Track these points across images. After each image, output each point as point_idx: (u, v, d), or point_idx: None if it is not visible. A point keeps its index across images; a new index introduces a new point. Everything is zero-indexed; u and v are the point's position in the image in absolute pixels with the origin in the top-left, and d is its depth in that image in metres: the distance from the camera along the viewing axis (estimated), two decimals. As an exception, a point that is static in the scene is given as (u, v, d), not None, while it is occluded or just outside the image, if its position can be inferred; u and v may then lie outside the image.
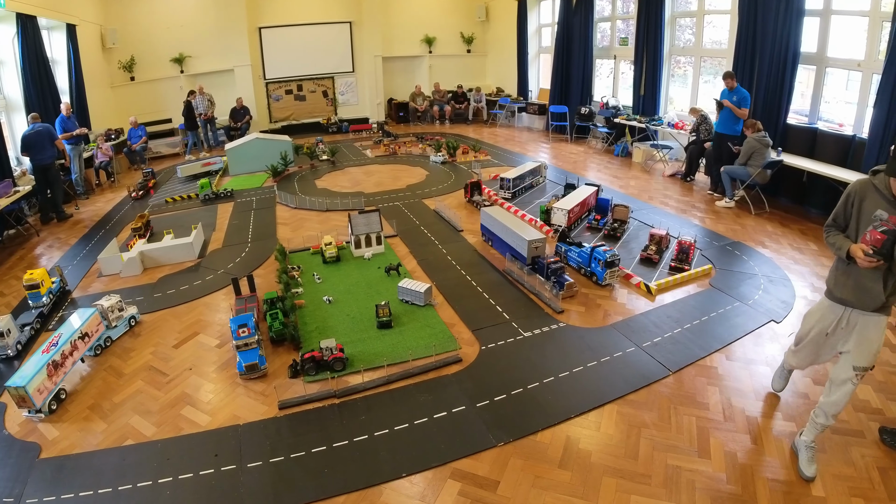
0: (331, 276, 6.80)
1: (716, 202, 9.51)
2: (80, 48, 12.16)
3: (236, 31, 15.32)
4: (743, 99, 9.21)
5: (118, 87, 14.45)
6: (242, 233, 8.51)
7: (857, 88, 8.68)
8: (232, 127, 14.93)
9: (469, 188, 9.48)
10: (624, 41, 13.94)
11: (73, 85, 12.08)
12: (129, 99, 14.61)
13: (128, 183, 11.99)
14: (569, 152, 13.70)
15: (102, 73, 13.88)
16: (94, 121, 12.63)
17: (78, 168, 10.91)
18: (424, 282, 6.33)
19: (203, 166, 12.12)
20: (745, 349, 5.20)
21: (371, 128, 16.37)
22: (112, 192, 11.58)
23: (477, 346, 5.27)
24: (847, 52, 8.83)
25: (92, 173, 11.80)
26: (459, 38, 18.62)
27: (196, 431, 4.27)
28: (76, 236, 8.93)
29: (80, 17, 12.47)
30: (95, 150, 11.83)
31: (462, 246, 7.76)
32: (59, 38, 11.99)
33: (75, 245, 8.53)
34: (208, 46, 15.25)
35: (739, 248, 7.49)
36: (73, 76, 12.04)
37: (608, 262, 6.16)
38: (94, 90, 12.92)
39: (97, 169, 11.91)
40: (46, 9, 10.87)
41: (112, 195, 11.28)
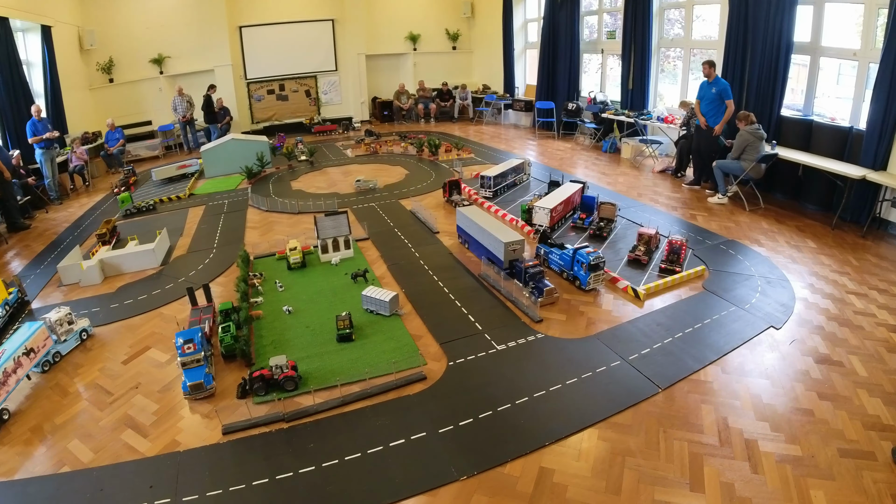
0: (294, 284, 6.28)
1: (708, 198, 9.07)
2: (56, 50, 11.74)
3: (216, 31, 14.91)
4: (723, 90, 8.87)
5: (97, 89, 14.01)
6: (209, 238, 8.01)
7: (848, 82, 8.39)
8: None
9: (448, 187, 8.98)
10: (611, 35, 13.53)
11: (48, 87, 11.62)
12: (107, 101, 14.14)
13: (104, 187, 11.57)
14: (556, 149, 13.24)
15: (80, 75, 13.47)
16: (71, 124, 12.26)
17: (50, 173, 10.46)
18: (392, 289, 5.83)
19: (178, 169, 11.66)
20: (743, 360, 4.72)
21: (335, 128, 15.81)
22: (87, 196, 11.06)
23: (444, 361, 4.75)
24: (842, 41, 8.48)
25: (66, 178, 11.33)
26: (444, 34, 18.21)
27: (134, 459, 3.84)
28: (44, 243, 8.42)
29: (56, 19, 12.02)
30: (70, 153, 11.37)
31: (437, 249, 7.26)
32: (34, 40, 11.55)
33: (41, 253, 8.01)
34: (188, 46, 14.84)
35: (734, 247, 7.03)
36: (48, 79, 11.57)
37: (592, 264, 5.66)
38: (72, 92, 12.55)
39: (72, 173, 11.43)
40: (19, 10, 10.45)
41: (87, 200, 10.76)
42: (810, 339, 5.00)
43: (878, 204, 7.55)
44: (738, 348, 4.87)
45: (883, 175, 7.25)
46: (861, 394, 4.24)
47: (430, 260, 6.88)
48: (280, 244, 7.24)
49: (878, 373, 4.49)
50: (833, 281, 6.16)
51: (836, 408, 4.10)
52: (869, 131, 7.46)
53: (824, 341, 4.97)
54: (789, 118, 8.98)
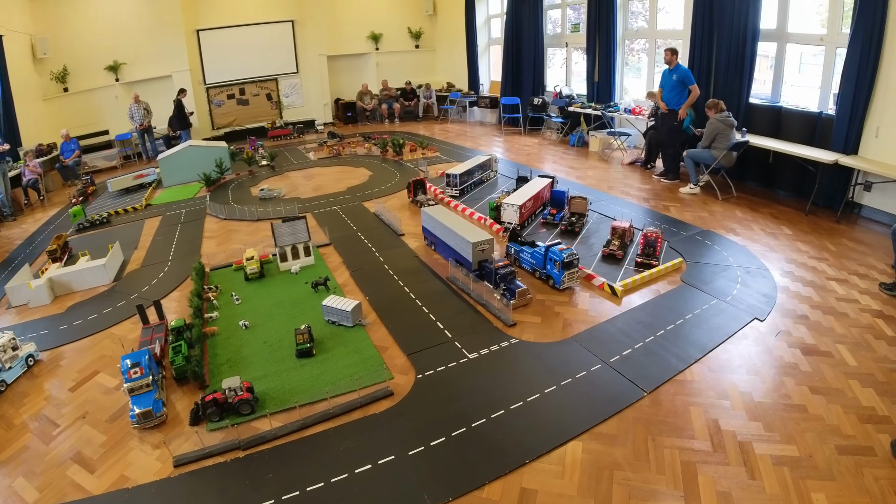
0: (252, 296, 5.85)
1: (679, 189, 8.88)
2: (7, 60, 11.15)
3: (173, 35, 14.32)
4: (684, 75, 8.74)
5: (51, 99, 13.34)
6: (165, 250, 7.52)
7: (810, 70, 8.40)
8: (172, 136, 13.88)
9: (412, 187, 8.60)
10: (575, 28, 13.37)
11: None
12: (62, 111, 13.46)
13: (60, 200, 10.99)
14: (522, 145, 12.99)
15: (33, 85, 12.82)
16: (24, 136, 11.67)
17: (3, 188, 9.86)
18: (355, 297, 5.46)
19: (135, 179, 11.10)
20: (729, 355, 4.46)
21: (290, 132, 15.31)
22: (42, 211, 10.43)
23: (412, 374, 4.37)
24: (808, 27, 8.45)
25: (20, 193, 10.70)
26: (407, 33, 17.87)
27: (81, 497, 3.42)
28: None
29: (7, 28, 11.41)
30: (23, 167, 10.72)
31: (402, 252, 6.87)
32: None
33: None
34: (144, 52, 14.24)
35: (710, 238, 6.83)
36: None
37: (566, 262, 5.33)
38: (25, 104, 11.94)
39: (25, 188, 10.77)
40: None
41: (42, 215, 10.13)
42: (796, 330, 4.80)
43: (851, 188, 7.48)
44: (723, 343, 4.62)
45: (855, 159, 7.17)
46: (853, 385, 4.05)
47: (395, 264, 6.50)
48: (238, 254, 6.80)
49: (867, 361, 4.32)
50: (812, 268, 6.01)
51: (829, 402, 3.89)
52: (839, 116, 7.39)
53: (810, 331, 4.78)
54: (758, 105, 8.88)
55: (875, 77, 6.93)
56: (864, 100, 7.05)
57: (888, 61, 6.79)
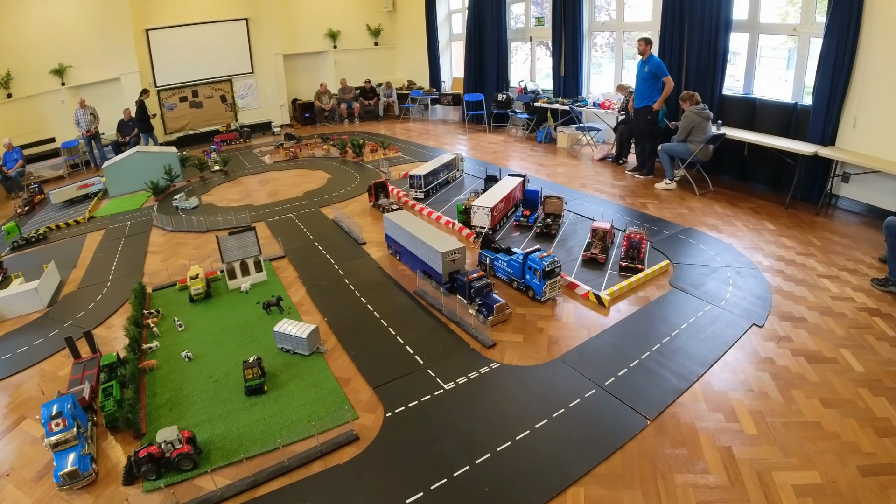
0: (197, 320, 5.17)
1: (655, 185, 8.52)
2: None
3: (120, 35, 13.41)
4: (657, 67, 8.41)
5: None
6: (105, 268, 6.74)
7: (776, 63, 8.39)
8: (120, 142, 13.02)
9: (374, 190, 7.96)
10: (539, 21, 12.96)
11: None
12: (6, 118, 12.51)
13: (3, 213, 10.15)
14: (488, 142, 12.50)
15: None
16: None
17: None
18: (312, 318, 4.85)
19: (79, 189, 10.24)
20: (732, 369, 4.04)
21: (235, 137, 14.53)
22: None
23: (380, 411, 3.76)
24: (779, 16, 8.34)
25: None
26: (366, 30, 17.25)
27: None
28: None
29: None
30: None
31: (364, 263, 6.24)
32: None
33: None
34: (91, 54, 13.33)
35: (693, 236, 6.46)
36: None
37: (547, 271, 4.79)
38: None
39: None
40: None
41: None
42: (796, 335, 4.45)
43: (830, 180, 7.29)
44: (724, 355, 4.19)
45: (833, 151, 6.99)
46: (864, 394, 3.73)
47: (357, 277, 5.86)
48: (184, 271, 6.09)
49: (872, 365, 4.02)
50: (801, 265, 5.71)
51: (843, 415, 3.53)
52: (816, 107, 7.19)
53: (811, 335, 4.44)
54: (732, 97, 8.68)
55: (852, 67, 6.76)
56: (841, 90, 6.88)
57: (865, 50, 6.64)
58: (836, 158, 6.91)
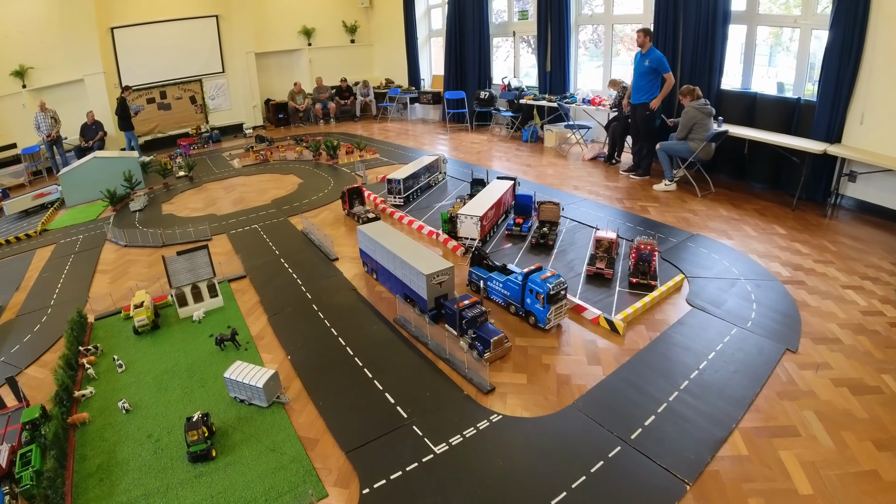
0: (141, 358, 4.37)
1: (653, 186, 7.93)
2: None
3: (84, 34, 12.59)
4: (658, 61, 7.87)
5: None
6: (49, 291, 5.91)
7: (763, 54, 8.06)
8: (84, 147, 12.16)
9: (348, 197, 7.16)
10: (524, 14, 12.39)
11: None
12: None
13: None
14: (471, 142, 11.83)
15: None
16: None
17: None
18: (273, 353, 4.10)
19: (34, 199, 9.41)
20: (773, 407, 3.42)
21: (195, 141, 13.69)
22: None
23: (355, 485, 3.00)
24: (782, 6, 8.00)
25: None
26: (341, 27, 16.60)
27: None
28: None
29: None
30: None
31: (335, 284, 5.44)
32: None
33: None
34: (53, 55, 12.49)
35: (702, 243, 5.88)
36: None
37: (552, 294, 4.08)
38: None
39: None
40: None
41: None
42: (834, 360, 3.88)
43: (837, 179, 6.86)
44: (761, 391, 3.55)
45: (842, 148, 6.53)
46: None
47: (327, 301, 5.08)
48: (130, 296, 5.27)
49: None
50: (822, 274, 5.18)
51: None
52: (821, 102, 6.75)
53: (849, 360, 3.88)
54: (730, 92, 8.19)
55: (859, 60, 6.35)
56: (847, 84, 6.46)
57: (872, 43, 6.22)
58: (846, 157, 6.45)
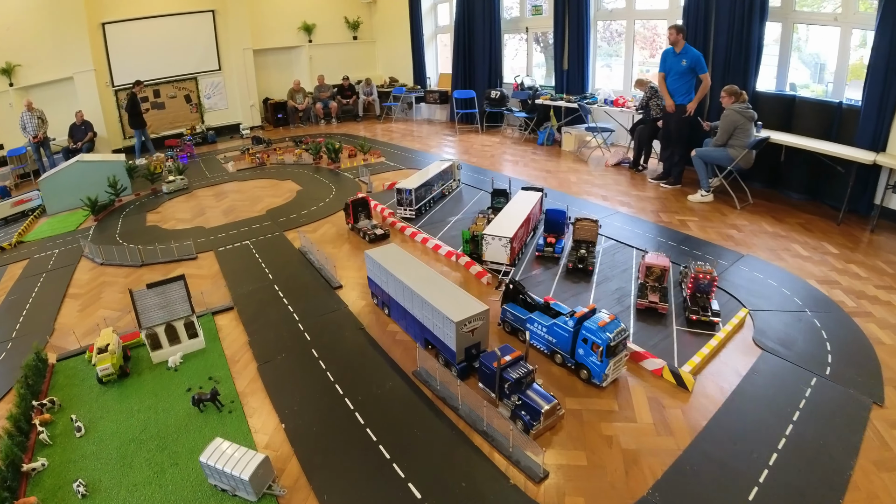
0: (103, 416, 3.58)
1: (688, 197, 7.21)
2: None
3: (73, 30, 12.00)
4: (696, 61, 7.19)
5: None
6: (12, 320, 5.12)
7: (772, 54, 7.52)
8: (72, 148, 11.49)
9: (352, 209, 6.32)
10: (537, 10, 11.73)
11: None
12: None
13: None
14: (482, 144, 11.09)
15: None
16: None
17: None
18: (263, 414, 3.32)
19: (14, 206, 8.70)
20: (872, 485, 2.72)
21: (178, 143, 12.97)
22: None
23: None
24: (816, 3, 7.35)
25: None
26: (343, 23, 16.05)
27: None
28: None
29: None
30: None
31: (339, 320, 4.57)
32: None
33: None
34: (42, 52, 11.92)
35: (755, 266, 5.14)
36: None
37: (612, 346, 3.29)
38: None
39: None
40: None
41: None
42: None
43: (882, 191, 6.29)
44: (859, 458, 2.87)
45: (890, 158, 5.91)
46: None
47: (329, 345, 4.21)
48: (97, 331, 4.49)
49: None
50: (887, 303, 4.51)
51: None
52: (866, 108, 6.19)
53: None
54: (766, 94, 7.52)
55: None
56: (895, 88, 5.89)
57: None
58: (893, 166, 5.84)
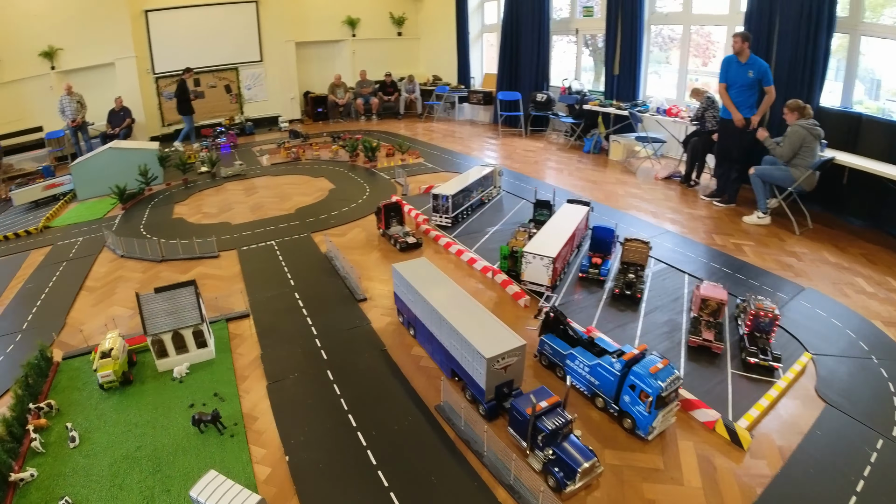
0: (100, 427, 3.36)
1: (743, 218, 6.70)
2: None
3: (116, 16, 12.15)
4: (763, 72, 6.66)
5: None
6: (26, 309, 5.02)
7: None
8: (109, 134, 11.64)
9: (384, 213, 6.00)
10: (588, 11, 11.23)
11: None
12: None
13: None
14: (525, 149, 10.70)
15: None
16: None
17: None
18: (268, 440, 3.04)
19: (45, 189, 8.73)
20: None
21: (210, 133, 12.88)
22: None
23: None
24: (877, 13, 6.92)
25: None
26: (388, 18, 15.81)
27: None
28: None
29: None
30: None
31: (360, 338, 4.25)
32: None
33: None
34: (84, 36, 12.05)
35: (817, 302, 4.65)
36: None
37: (663, 396, 2.89)
38: None
39: None
40: None
41: None
42: None
43: None
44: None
45: None
46: None
47: (346, 366, 3.88)
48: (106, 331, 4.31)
49: None
50: None
51: None
52: None
53: None
54: (831, 111, 6.97)
55: None
56: None
57: None
58: None
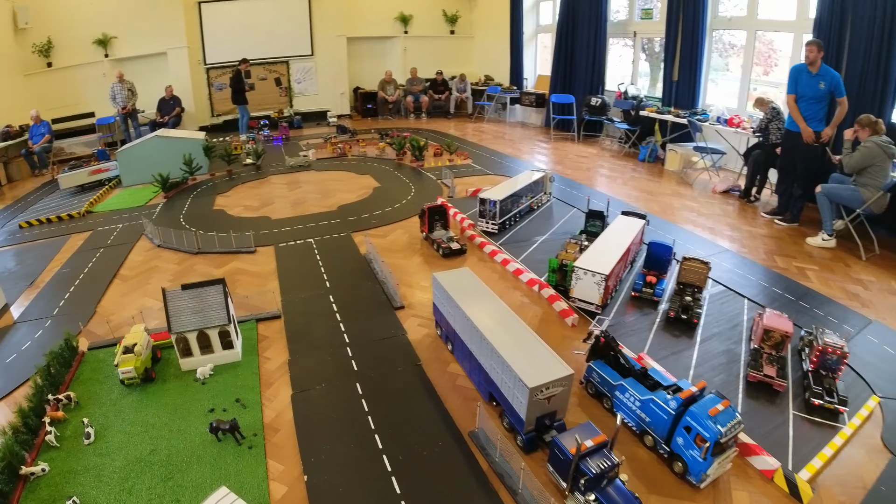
0: (116, 424, 3.30)
1: (806, 239, 6.27)
2: None
3: (170, 7, 12.48)
4: (836, 83, 6.23)
5: (33, 74, 11.77)
6: (60, 293, 5.10)
7: None
8: (159, 122, 11.95)
9: (428, 216, 5.82)
10: (647, 13, 10.84)
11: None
12: (44, 89, 11.89)
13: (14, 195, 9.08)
14: (577, 155, 10.40)
15: (13, 58, 11.28)
16: None
17: None
18: (287, 456, 2.93)
19: (91, 174, 9.00)
20: None
21: (257, 125, 13.02)
22: None
23: None
24: None
25: None
26: (441, 16, 15.71)
27: None
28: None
29: None
30: None
31: (394, 350, 4.06)
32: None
33: None
34: (137, 25, 12.44)
35: (884, 337, 4.27)
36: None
37: (721, 442, 2.63)
38: (2, 79, 10.79)
39: None
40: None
41: None
42: None
43: None
44: None
45: None
46: None
47: (378, 380, 3.70)
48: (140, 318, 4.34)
49: None
50: None
51: None
52: None
53: None
54: None
55: None
56: None
57: None
58: None
